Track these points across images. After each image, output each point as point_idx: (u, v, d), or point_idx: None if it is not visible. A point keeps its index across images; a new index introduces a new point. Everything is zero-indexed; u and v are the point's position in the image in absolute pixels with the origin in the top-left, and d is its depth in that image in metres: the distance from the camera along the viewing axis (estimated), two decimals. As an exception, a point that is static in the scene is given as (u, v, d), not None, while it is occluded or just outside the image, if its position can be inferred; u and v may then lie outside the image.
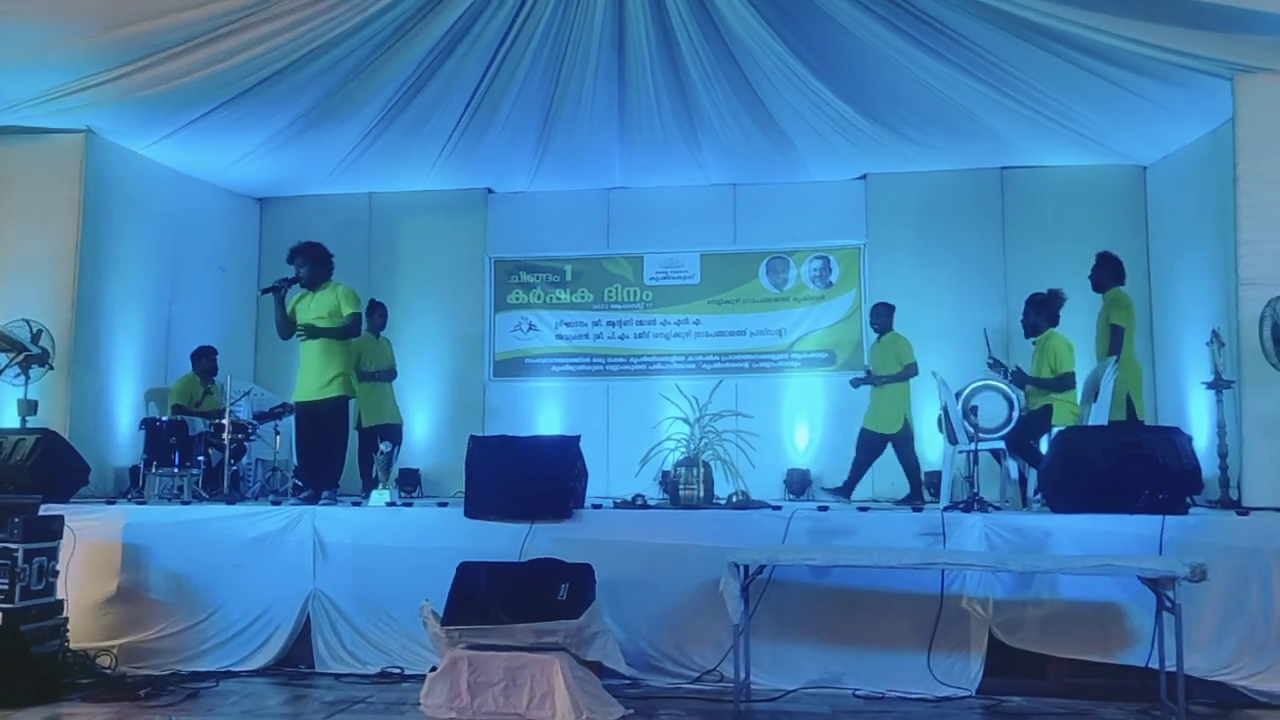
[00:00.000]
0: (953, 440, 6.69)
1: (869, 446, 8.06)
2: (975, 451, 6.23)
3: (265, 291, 6.68)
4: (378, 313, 8.53)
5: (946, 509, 5.80)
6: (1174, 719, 4.53)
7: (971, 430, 6.23)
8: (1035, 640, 5.19)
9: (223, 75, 7.22)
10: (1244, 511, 5.68)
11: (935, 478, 8.13)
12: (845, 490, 7.98)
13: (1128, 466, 5.44)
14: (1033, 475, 6.48)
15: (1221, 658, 5.04)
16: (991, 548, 5.33)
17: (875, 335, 8.28)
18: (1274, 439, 6.21)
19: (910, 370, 7.92)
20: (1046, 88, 7.55)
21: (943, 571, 5.20)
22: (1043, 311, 6.91)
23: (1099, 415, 6.60)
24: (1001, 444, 6.59)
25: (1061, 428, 6.35)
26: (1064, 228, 8.96)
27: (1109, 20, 6.41)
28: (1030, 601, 5.24)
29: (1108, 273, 7.14)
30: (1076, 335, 7.02)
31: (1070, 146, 8.55)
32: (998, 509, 5.95)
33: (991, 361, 7.40)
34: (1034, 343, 7.00)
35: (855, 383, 8.24)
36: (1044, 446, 6.50)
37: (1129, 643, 5.08)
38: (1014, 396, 6.62)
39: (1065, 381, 6.56)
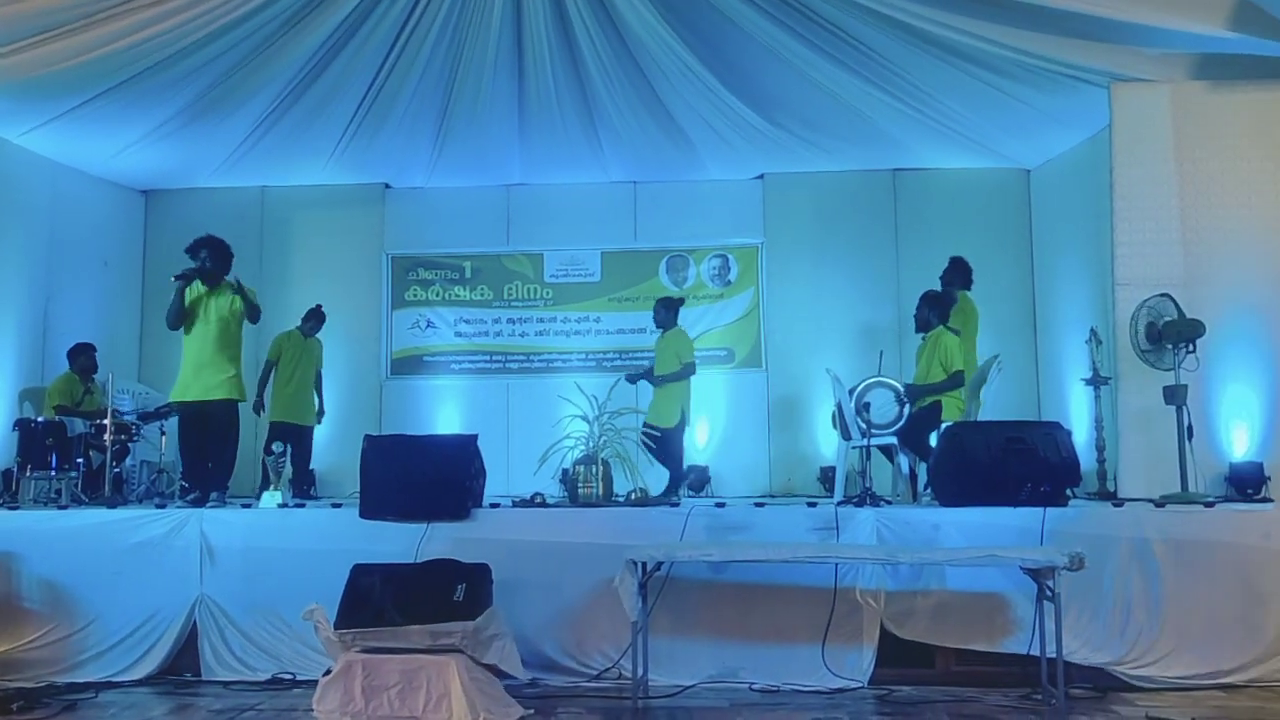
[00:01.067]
0: (846, 436, 6.82)
1: (660, 443, 7.58)
2: (868, 447, 6.37)
3: (178, 278, 6.38)
4: (315, 318, 8.47)
5: (840, 504, 5.91)
6: (1054, 703, 4.70)
7: (864, 426, 6.36)
8: (924, 631, 5.33)
9: (103, 62, 6.93)
10: (1119, 503, 5.92)
11: (830, 473, 8.30)
12: (672, 491, 7.54)
13: (1011, 461, 5.62)
14: (923, 470, 6.64)
15: (1099, 643, 5.25)
16: (883, 541, 5.45)
17: (658, 332, 8.05)
18: (1147, 433, 6.48)
19: (689, 369, 7.78)
20: (937, 93, 7.76)
21: (836, 565, 5.31)
22: (935, 308, 7.08)
23: (985, 411, 6.82)
24: (893, 439, 6.74)
25: (950, 423, 6.52)
26: (953, 228, 9.21)
27: (994, 29, 6.63)
28: (920, 593, 5.38)
29: (959, 276, 7.56)
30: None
31: (959, 150, 8.81)
32: (889, 503, 6.08)
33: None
34: (924, 338, 7.16)
35: (631, 378, 7.98)
36: (934, 441, 6.66)
37: (1012, 631, 5.25)
38: (904, 387, 6.78)
39: (957, 380, 6.74)
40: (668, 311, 7.96)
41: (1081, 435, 7.34)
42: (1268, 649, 5.25)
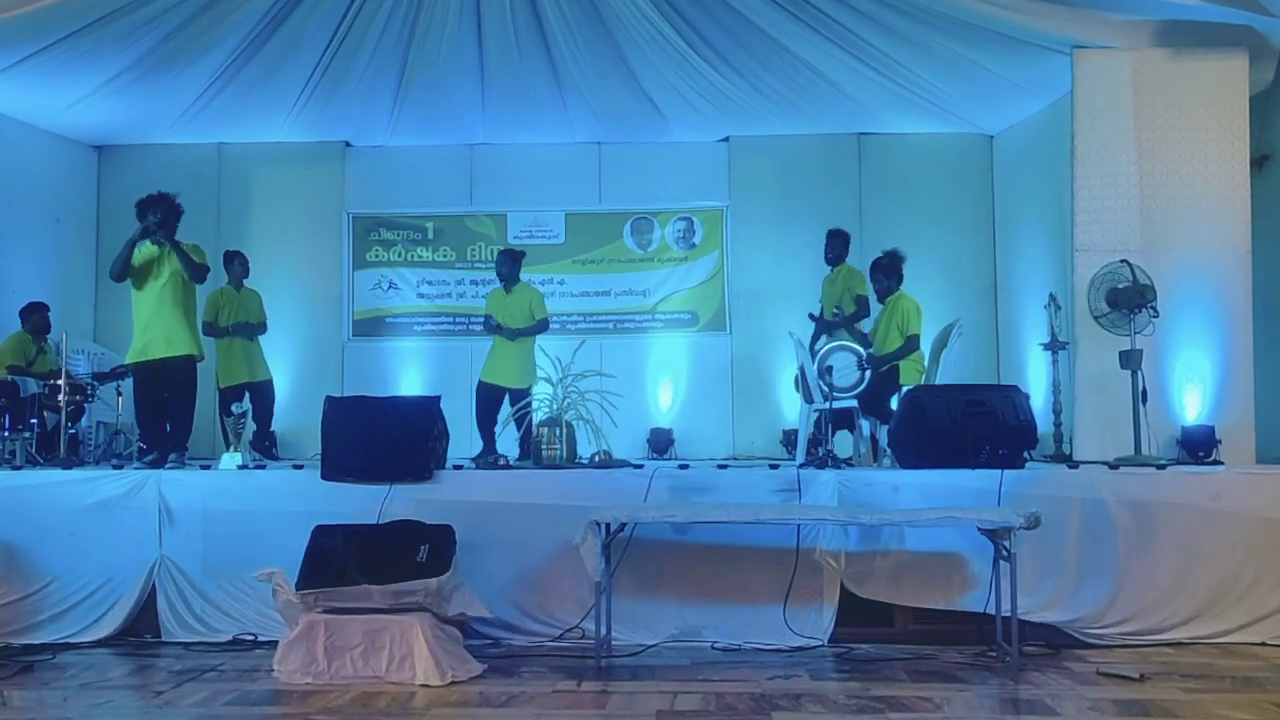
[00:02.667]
0: (809, 399, 6.87)
1: (487, 399, 7.66)
2: (829, 410, 6.42)
3: (141, 238, 6.24)
4: (237, 262, 8.18)
5: (801, 466, 5.96)
6: (1008, 660, 4.79)
7: (826, 390, 6.40)
8: (883, 590, 5.41)
9: (55, 10, 6.76)
10: (1075, 465, 6.02)
11: (792, 436, 8.36)
12: (487, 453, 7.43)
13: (970, 423, 5.68)
14: (883, 433, 6.71)
15: (1053, 602, 5.35)
16: (844, 503, 5.50)
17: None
18: (1102, 397, 6.59)
19: (542, 325, 7.72)
20: (902, 59, 7.79)
21: (798, 526, 5.36)
22: (892, 274, 7.11)
23: (945, 374, 6.88)
24: (854, 403, 6.79)
25: (910, 386, 6.59)
26: (917, 193, 9.31)
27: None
28: (879, 553, 5.45)
29: (844, 247, 7.74)
30: (922, 296, 7.25)
31: (923, 115, 8.85)
32: (850, 465, 6.14)
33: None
34: (884, 304, 7.20)
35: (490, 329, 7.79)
36: (894, 404, 6.73)
37: (969, 589, 5.34)
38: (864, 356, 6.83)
39: (913, 344, 6.79)
40: (511, 264, 7.85)
41: (1039, 399, 7.46)
42: (1213, 606, 5.38)
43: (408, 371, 9.54)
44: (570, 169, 9.71)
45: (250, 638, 5.38)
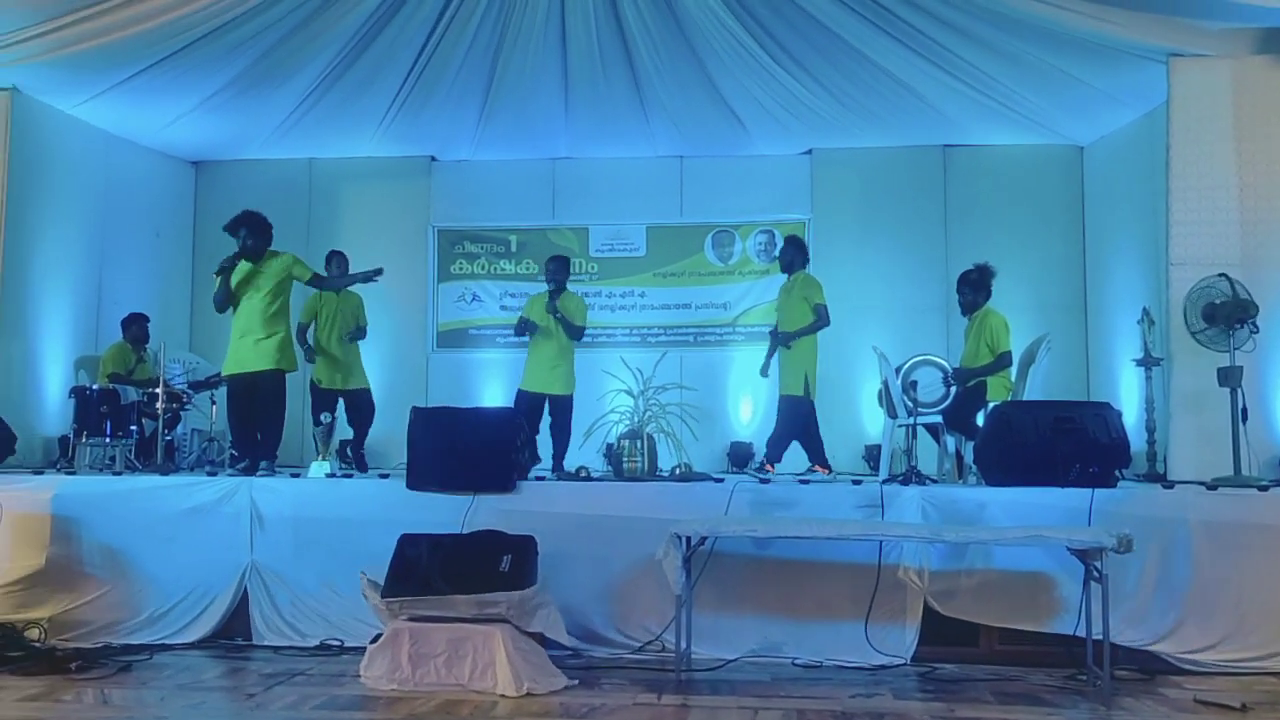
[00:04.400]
0: (892, 414, 6.78)
1: (529, 409, 7.48)
2: (914, 425, 6.33)
3: (220, 272, 6.48)
4: (335, 263, 8.03)
5: (885, 482, 5.89)
6: (1099, 684, 4.66)
7: (910, 405, 6.32)
8: (968, 609, 5.31)
9: (156, 32, 7.01)
10: (1169, 485, 5.84)
11: (874, 451, 8.26)
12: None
13: (1060, 440, 5.56)
14: (969, 449, 6.60)
15: (1146, 626, 5.20)
16: (928, 520, 5.43)
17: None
18: (1198, 415, 6.38)
19: (578, 331, 7.60)
20: (990, 70, 7.65)
21: (880, 543, 5.30)
22: (981, 289, 6.99)
23: (1033, 389, 6.74)
24: (939, 418, 6.69)
25: (997, 403, 6.47)
26: (1004, 206, 9.14)
27: (1049, 7, 6.48)
28: (964, 572, 5.35)
29: (800, 255, 7.74)
30: (1009, 311, 7.11)
31: (1011, 126, 8.68)
32: (934, 482, 6.05)
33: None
34: (970, 319, 7.08)
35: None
36: (980, 420, 6.61)
37: (1058, 611, 5.21)
38: (950, 372, 6.73)
39: (1004, 360, 6.66)
40: (566, 271, 7.84)
41: (1131, 416, 7.23)
42: (1321, 634, 5.17)
43: (489, 383, 9.64)
44: (652, 182, 9.74)
45: (337, 643, 5.49)
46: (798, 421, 7.51)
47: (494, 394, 9.51)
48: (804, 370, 7.47)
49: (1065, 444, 5.54)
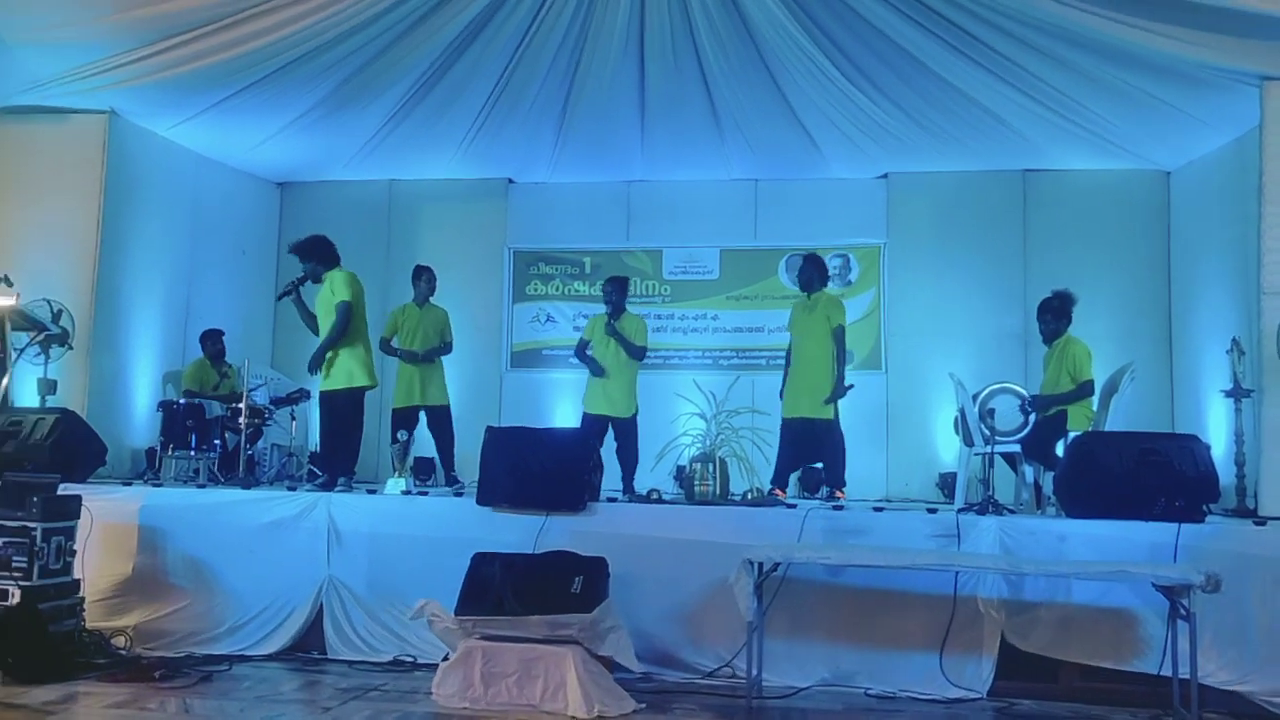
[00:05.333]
0: (969, 442, 6.67)
1: (594, 431, 7.42)
2: (991, 454, 6.22)
3: (280, 298, 6.70)
4: (424, 279, 7.91)
5: (961, 511, 5.78)
6: (1186, 728, 4.52)
7: (988, 433, 6.21)
8: (1048, 644, 5.19)
9: (247, 58, 7.23)
10: (1261, 521, 5.65)
11: (949, 479, 8.14)
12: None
13: (1144, 473, 5.41)
14: (1047, 479, 6.46)
15: (1236, 668, 5.01)
16: (1005, 551, 5.33)
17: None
18: (1293, 449, 6.18)
19: (639, 351, 7.56)
20: (1072, 92, 7.51)
21: (956, 573, 5.20)
22: (1062, 316, 6.85)
23: (1115, 420, 6.58)
24: (1018, 447, 6.56)
25: (1077, 433, 6.33)
26: (1086, 232, 8.97)
27: (1138, 31, 6.37)
28: (1043, 605, 5.24)
29: (820, 275, 7.41)
30: (1091, 339, 6.97)
31: (1094, 151, 8.51)
32: (1012, 512, 5.93)
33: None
34: (1051, 347, 6.94)
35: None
36: (1060, 450, 6.47)
37: (1142, 649, 5.06)
38: (1029, 399, 6.61)
39: (1086, 389, 6.52)
40: (624, 293, 7.73)
41: (1219, 449, 7.03)
42: None
43: (561, 403, 9.70)
44: (726, 205, 9.75)
45: (410, 659, 5.56)
46: (841, 443, 7.34)
47: (566, 414, 9.56)
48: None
49: (1150, 477, 5.39)
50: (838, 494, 7.12)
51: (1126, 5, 6.21)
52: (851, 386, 7.30)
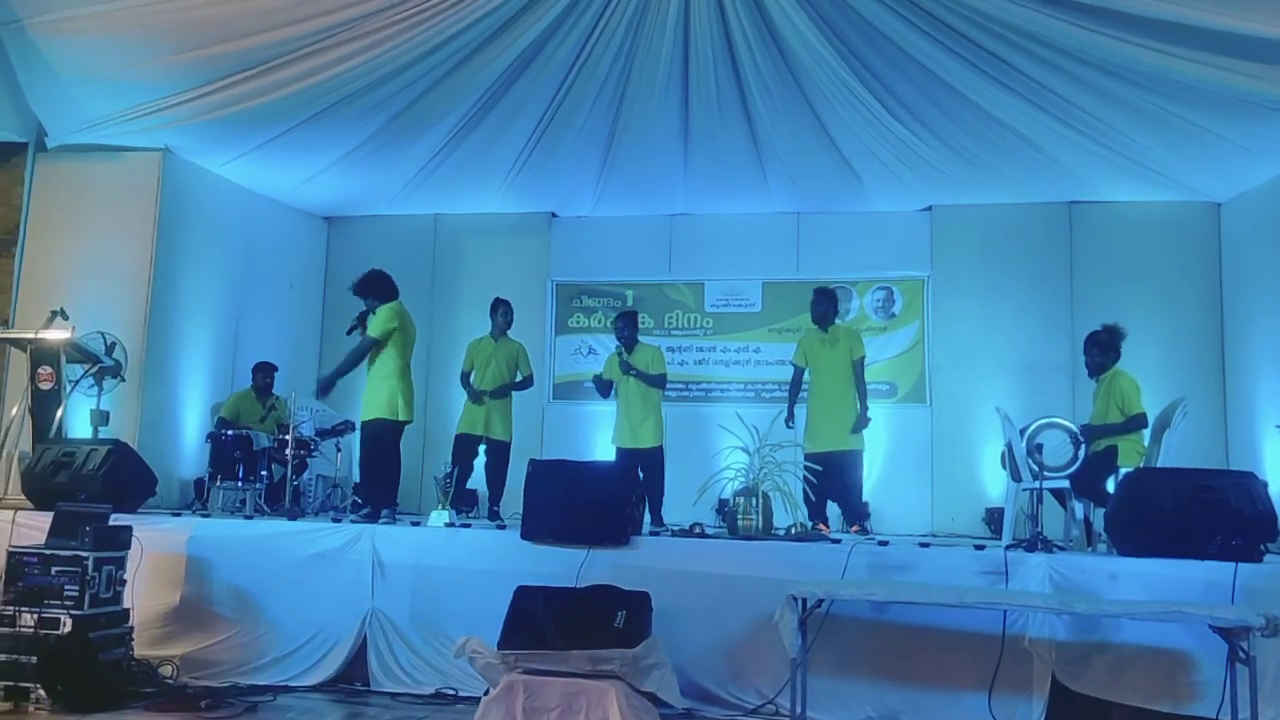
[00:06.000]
0: (1016, 477, 6.58)
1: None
2: (1040, 490, 6.12)
3: (349, 333, 6.80)
4: (500, 312, 7.93)
5: (1009, 547, 5.69)
6: (1246, 774, 4.39)
7: (1036, 468, 6.12)
8: (1100, 686, 5.06)
9: (298, 96, 7.39)
10: (1322, 561, 5.50)
11: (996, 515, 8.03)
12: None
13: (1199, 510, 5.30)
14: (1098, 516, 6.34)
15: (1297, 712, 4.87)
16: (1055, 589, 5.23)
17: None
18: (1354, 486, 6.02)
19: (660, 379, 7.75)
20: (1116, 123, 7.46)
21: (1005, 612, 5.11)
22: (1109, 350, 6.75)
23: (1167, 456, 6.45)
24: (1066, 483, 6.46)
25: (1129, 468, 6.21)
26: (1134, 264, 8.87)
27: (1184, 63, 6.32)
28: (1095, 645, 5.12)
29: (833, 308, 7.48)
30: (1140, 373, 6.85)
31: (1141, 182, 8.43)
32: (1062, 549, 5.83)
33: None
34: (1099, 380, 6.85)
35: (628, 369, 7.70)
36: (1110, 486, 6.36)
37: (1198, 693, 4.93)
38: (1078, 429, 6.51)
39: (1138, 422, 6.40)
40: (634, 328, 7.84)
41: (1277, 486, 6.87)
42: None
43: (603, 435, 9.64)
44: (768, 238, 9.76)
45: (452, 692, 5.55)
46: (860, 478, 7.34)
47: (607, 446, 9.49)
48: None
49: (1205, 514, 5.27)
50: (853, 530, 7.05)
51: (1169, 34, 6.14)
52: (870, 419, 7.28)
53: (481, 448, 7.75)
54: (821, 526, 6.86)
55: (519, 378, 7.97)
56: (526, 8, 6.76)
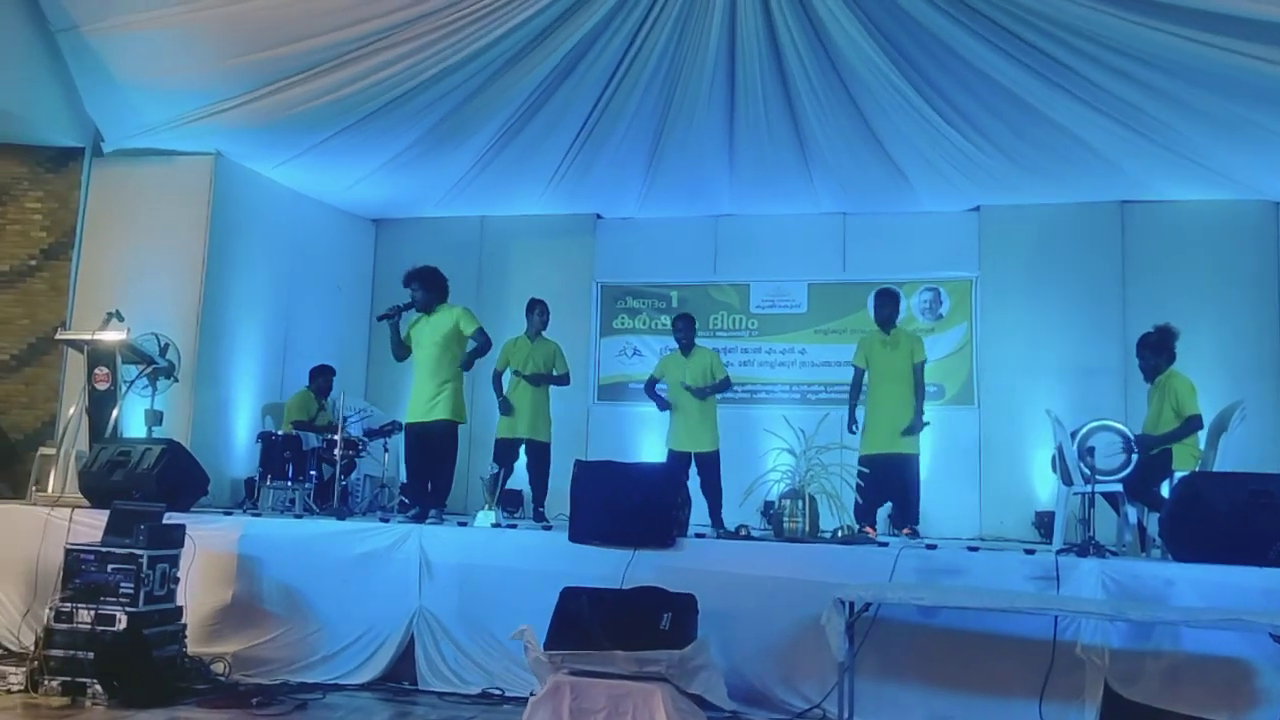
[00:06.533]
0: (1067, 481, 6.47)
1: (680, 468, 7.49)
2: (1092, 494, 6.03)
3: (382, 318, 6.84)
4: (536, 311, 7.90)
5: (1060, 552, 5.60)
6: (1307, 786, 4.29)
7: (1088, 472, 6.02)
8: (1155, 694, 4.96)
9: (348, 100, 7.48)
10: (1386, 569, 5.35)
11: (1046, 518, 7.92)
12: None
13: (1257, 515, 5.18)
14: (1152, 520, 6.23)
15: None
16: (1108, 595, 5.14)
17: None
18: None
19: (725, 383, 7.78)
20: (1169, 121, 7.34)
21: (1056, 617, 5.04)
22: (1162, 352, 6.63)
23: (1224, 460, 6.33)
24: (1119, 487, 6.35)
25: (1184, 473, 6.10)
26: (1189, 264, 8.72)
27: (1240, 57, 6.19)
28: (1150, 653, 5.02)
29: (898, 311, 7.51)
30: (1195, 375, 6.73)
31: (1197, 181, 8.28)
32: (1114, 554, 5.73)
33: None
34: (1153, 383, 6.72)
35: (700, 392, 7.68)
36: (1165, 490, 6.25)
37: (1258, 702, 4.82)
38: (1133, 438, 6.39)
39: (1193, 425, 6.28)
40: (691, 329, 7.86)
41: (1339, 492, 6.70)
42: None
43: (647, 436, 9.70)
44: (814, 239, 9.71)
45: (498, 692, 5.56)
46: (918, 480, 7.27)
47: (652, 447, 9.55)
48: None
49: (1263, 519, 5.16)
50: (905, 532, 6.99)
51: (1228, 28, 6.04)
52: (929, 423, 7.24)
53: (521, 449, 7.75)
54: (869, 530, 6.80)
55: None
56: (572, 10, 6.79)
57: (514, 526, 6.52)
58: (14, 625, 6.24)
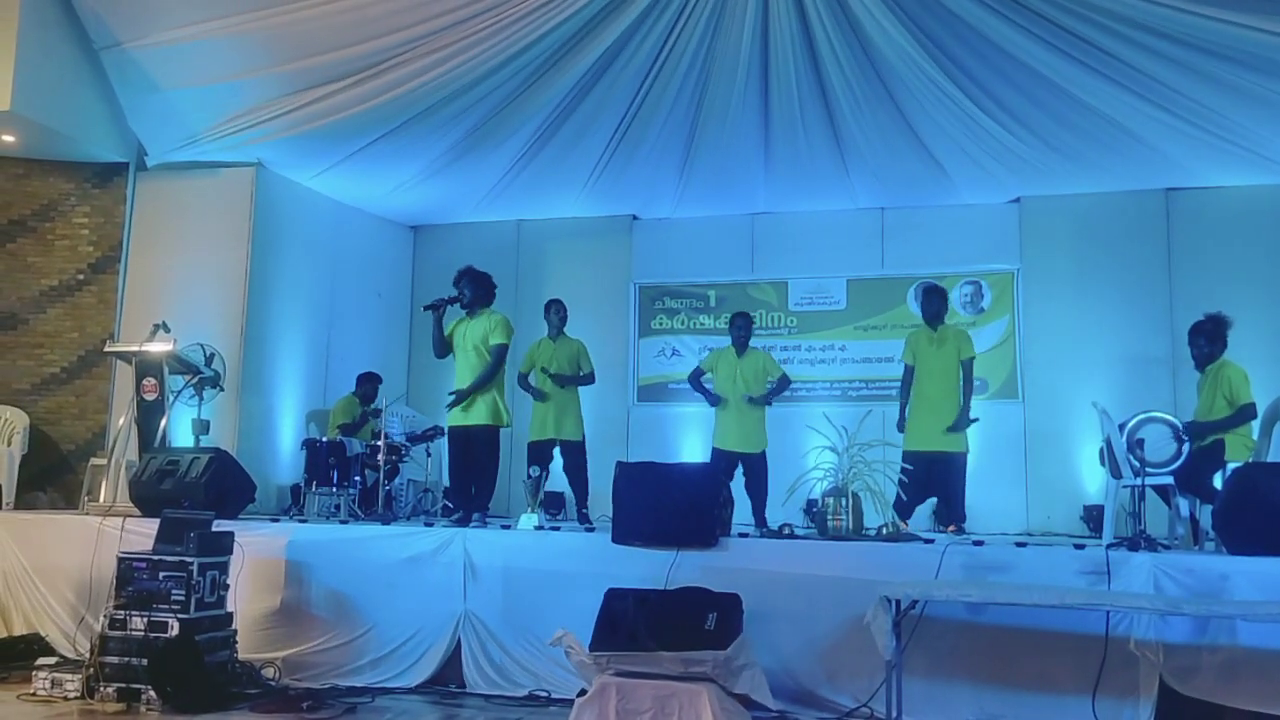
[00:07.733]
0: (1116, 474, 6.38)
1: (726, 468, 7.38)
2: (1141, 487, 5.93)
3: (427, 308, 6.88)
4: (553, 311, 7.83)
5: (1111, 546, 5.52)
6: (1372, 782, 4.19)
7: (1137, 464, 5.93)
8: (1212, 689, 4.87)
9: (384, 107, 7.56)
10: None
11: (1094, 512, 7.81)
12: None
13: (1312, 506, 5.08)
14: (1204, 513, 6.12)
15: None
16: (1161, 589, 5.05)
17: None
18: None
19: (784, 383, 7.70)
20: (1216, 106, 7.21)
21: (1107, 613, 4.96)
22: (1216, 341, 6.51)
23: (1277, 449, 6.20)
24: (1170, 479, 6.24)
25: (1237, 464, 5.98)
26: (1237, 251, 8.55)
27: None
28: (1205, 648, 4.93)
29: (945, 307, 7.38)
30: (1246, 364, 6.60)
31: (1245, 166, 8.12)
32: (1166, 548, 5.63)
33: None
34: (1204, 372, 6.60)
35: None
36: (1217, 482, 6.13)
37: (1319, 696, 4.72)
38: (1184, 426, 6.29)
39: (1247, 413, 6.16)
40: (749, 329, 7.74)
41: (1396, 480, 6.54)
42: None
43: (688, 436, 9.69)
44: (852, 235, 9.64)
45: (544, 694, 5.58)
46: (964, 478, 7.19)
47: (692, 447, 9.56)
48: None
49: (1319, 510, 5.05)
50: (949, 529, 6.92)
51: (1272, 8, 5.92)
52: (977, 419, 7.15)
53: (555, 450, 7.72)
54: (902, 524, 6.73)
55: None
56: (606, 11, 6.79)
57: (557, 529, 6.53)
58: (70, 633, 6.35)
